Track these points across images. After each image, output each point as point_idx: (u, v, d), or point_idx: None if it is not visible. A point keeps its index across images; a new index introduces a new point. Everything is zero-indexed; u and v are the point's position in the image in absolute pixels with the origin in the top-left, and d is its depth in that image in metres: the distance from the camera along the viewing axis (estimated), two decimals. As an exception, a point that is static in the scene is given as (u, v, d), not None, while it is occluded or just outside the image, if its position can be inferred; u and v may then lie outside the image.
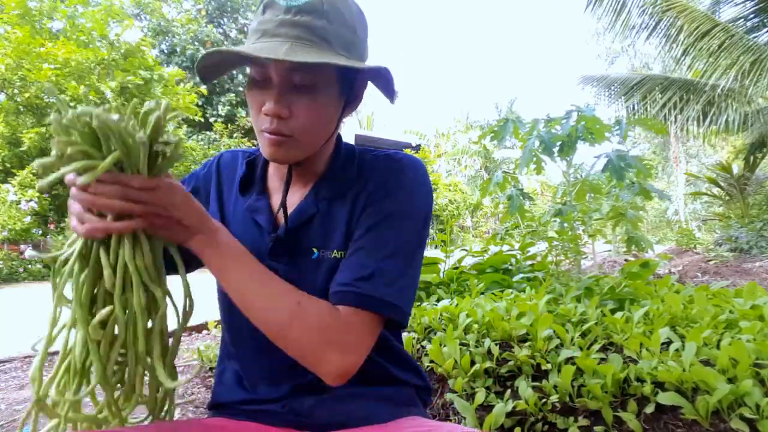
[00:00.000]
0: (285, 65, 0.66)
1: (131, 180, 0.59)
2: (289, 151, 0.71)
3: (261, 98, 0.70)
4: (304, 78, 0.68)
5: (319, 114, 0.71)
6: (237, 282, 0.67)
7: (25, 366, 2.57)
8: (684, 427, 1.13)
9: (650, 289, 2.05)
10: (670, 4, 6.72)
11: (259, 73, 0.69)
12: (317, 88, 0.69)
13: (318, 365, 0.66)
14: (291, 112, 0.68)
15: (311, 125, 0.70)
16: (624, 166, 2.27)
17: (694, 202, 19.20)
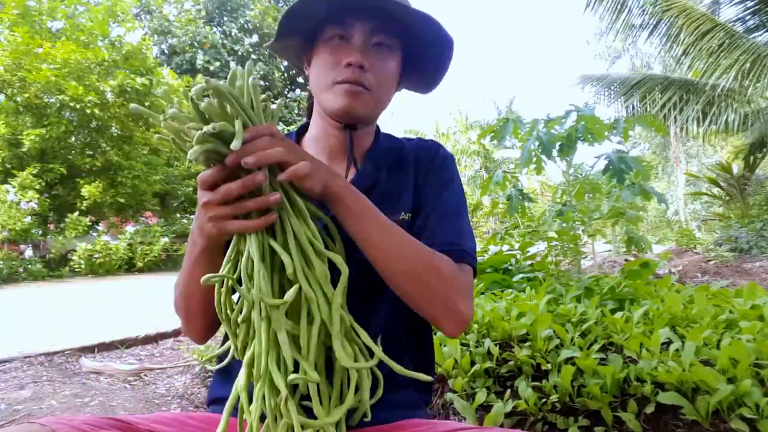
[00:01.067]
0: (370, 25, 0.75)
1: (269, 128, 0.60)
2: (364, 104, 0.76)
3: (336, 55, 0.75)
4: (384, 37, 0.77)
5: (391, 75, 0.79)
6: (378, 228, 0.67)
7: (25, 366, 2.57)
8: (684, 427, 1.13)
9: (650, 289, 2.05)
10: (670, 3, 6.72)
11: (341, 30, 0.76)
12: (390, 49, 0.78)
13: (450, 311, 0.70)
14: (370, 65, 0.75)
15: (384, 83, 0.78)
16: (624, 167, 2.27)
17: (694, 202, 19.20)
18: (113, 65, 10.13)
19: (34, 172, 9.35)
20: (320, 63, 0.78)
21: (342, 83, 0.75)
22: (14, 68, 9.30)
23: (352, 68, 0.74)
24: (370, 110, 0.79)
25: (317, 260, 0.61)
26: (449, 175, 0.85)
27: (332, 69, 0.76)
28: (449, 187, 0.83)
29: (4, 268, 8.25)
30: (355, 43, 0.76)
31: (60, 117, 10.01)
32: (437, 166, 0.85)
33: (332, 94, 0.76)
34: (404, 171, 0.85)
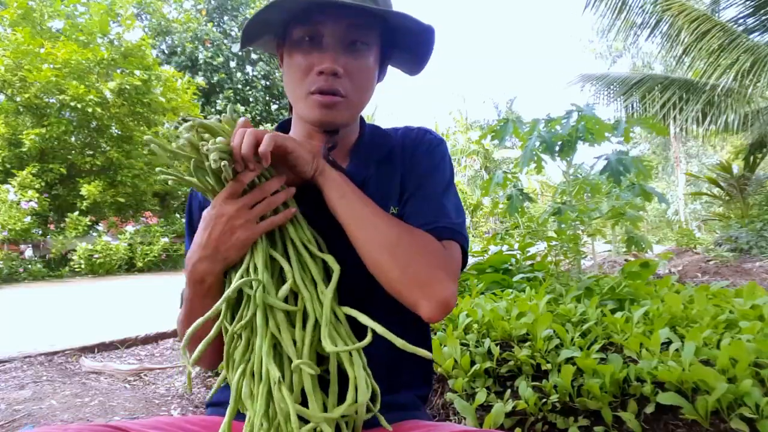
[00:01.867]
0: (343, 24, 0.69)
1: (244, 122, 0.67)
2: (341, 112, 0.72)
3: (308, 60, 0.70)
4: (358, 35, 0.70)
5: (368, 75, 0.74)
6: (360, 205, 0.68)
7: (25, 366, 2.57)
8: (684, 427, 1.13)
9: (650, 289, 2.05)
10: (669, 3, 6.72)
11: (310, 32, 0.69)
12: (366, 46, 0.72)
13: (427, 290, 0.65)
14: (345, 70, 0.70)
15: (362, 86, 0.73)
16: (622, 169, 2.27)
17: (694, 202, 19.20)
18: (113, 64, 10.13)
19: (34, 171, 9.35)
20: (291, 69, 0.72)
21: (315, 93, 0.70)
22: (14, 68, 9.30)
23: (325, 76, 0.69)
24: (348, 116, 0.74)
25: (312, 263, 0.65)
26: (435, 160, 0.81)
27: (304, 76, 0.71)
28: (433, 171, 0.80)
29: (4, 268, 8.25)
30: (327, 46, 0.69)
31: (60, 117, 10.02)
32: (422, 152, 0.81)
33: (306, 104, 0.72)
34: (393, 164, 0.81)
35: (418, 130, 0.85)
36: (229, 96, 15.48)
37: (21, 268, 8.55)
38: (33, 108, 9.96)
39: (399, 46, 0.78)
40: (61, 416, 1.86)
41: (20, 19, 9.72)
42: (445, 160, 0.82)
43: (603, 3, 7.06)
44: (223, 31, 16.67)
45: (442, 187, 0.78)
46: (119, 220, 11.11)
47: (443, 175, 0.80)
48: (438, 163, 0.81)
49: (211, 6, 16.87)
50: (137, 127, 11.16)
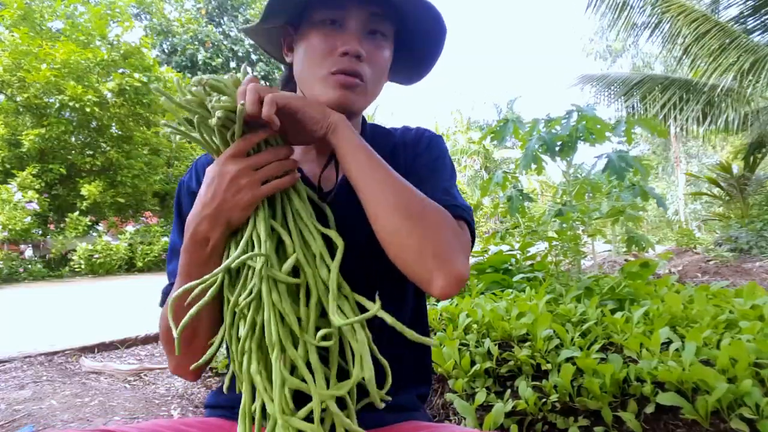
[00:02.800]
0: (367, 12, 0.69)
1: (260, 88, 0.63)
2: (359, 97, 0.71)
3: (329, 42, 0.70)
4: (380, 25, 0.71)
5: (385, 66, 0.74)
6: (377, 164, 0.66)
7: (25, 366, 2.57)
8: (684, 427, 1.13)
9: (650, 289, 2.05)
10: (669, 4, 6.73)
11: (334, 15, 0.70)
12: (386, 37, 0.73)
13: (442, 262, 0.62)
14: (367, 55, 0.70)
15: (379, 73, 0.73)
16: (624, 166, 2.27)
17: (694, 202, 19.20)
18: (112, 65, 10.13)
19: (34, 172, 9.35)
20: (310, 50, 0.71)
21: (337, 74, 0.69)
22: (14, 68, 9.30)
23: (349, 57, 0.68)
24: (363, 104, 0.74)
25: (314, 237, 0.65)
26: (436, 155, 0.81)
27: (325, 57, 0.69)
28: (436, 165, 0.80)
29: (4, 268, 8.26)
30: (351, 30, 0.69)
31: (60, 117, 10.02)
32: (422, 149, 0.81)
33: (325, 85, 0.70)
34: (395, 162, 0.77)
35: (417, 128, 0.86)
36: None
37: (21, 268, 8.56)
38: (33, 108, 9.96)
39: (406, 50, 0.78)
40: (61, 416, 1.86)
41: (20, 19, 9.73)
42: (445, 155, 0.83)
43: (604, 4, 7.07)
44: (222, 32, 16.67)
45: (447, 179, 0.78)
46: (119, 220, 11.12)
47: (446, 169, 0.80)
48: (440, 157, 0.81)
49: (211, 6, 16.87)
50: (137, 127, 11.16)
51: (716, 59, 6.46)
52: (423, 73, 0.82)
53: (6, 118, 9.93)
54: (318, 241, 0.64)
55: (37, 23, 10.09)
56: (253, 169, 0.63)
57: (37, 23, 10.07)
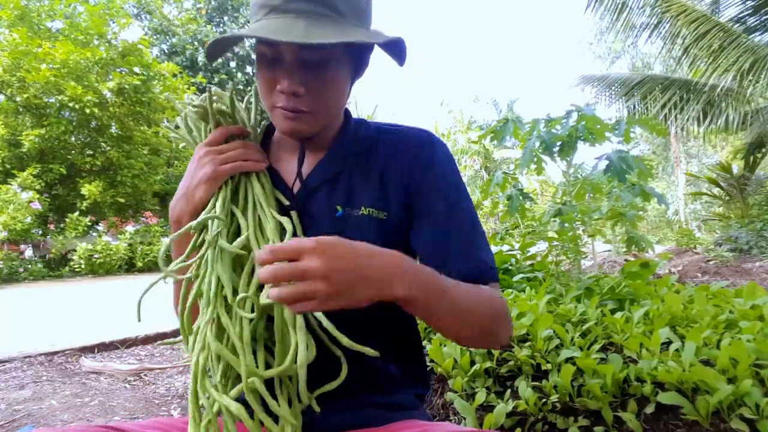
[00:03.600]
0: (297, 45, 0.66)
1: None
2: (307, 124, 0.72)
3: (272, 75, 0.69)
4: (319, 54, 0.67)
5: (333, 88, 0.71)
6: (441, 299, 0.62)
7: (25, 366, 2.57)
8: (684, 427, 1.13)
9: (650, 289, 2.05)
10: (669, 4, 6.73)
11: (270, 51, 0.68)
12: (330, 62, 0.69)
13: (496, 337, 0.71)
14: (306, 88, 0.68)
15: (327, 100, 0.72)
16: (626, 167, 2.27)
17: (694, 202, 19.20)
18: (111, 63, 10.13)
19: (34, 172, 9.35)
20: (259, 81, 0.72)
21: (278, 108, 0.70)
22: (13, 68, 9.30)
23: (285, 96, 0.68)
24: (316, 127, 0.73)
25: (270, 222, 0.70)
26: (450, 172, 0.78)
27: (269, 91, 0.70)
28: (455, 189, 0.77)
29: (4, 268, 8.25)
30: (287, 65, 0.67)
31: (59, 117, 10.02)
32: (432, 162, 0.77)
33: (274, 117, 0.72)
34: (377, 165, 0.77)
35: (419, 132, 0.81)
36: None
37: (21, 268, 8.56)
38: (32, 108, 9.96)
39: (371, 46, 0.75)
40: (61, 416, 1.86)
41: (17, 19, 9.72)
42: (458, 171, 0.80)
43: (603, 4, 7.06)
44: (222, 32, 16.67)
45: (471, 213, 0.77)
46: (119, 220, 11.12)
47: (466, 196, 0.78)
48: (456, 177, 0.78)
49: (211, 6, 16.88)
50: (137, 126, 11.16)
51: (716, 59, 6.47)
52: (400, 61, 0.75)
53: (6, 119, 9.93)
54: (272, 225, 0.69)
55: (35, 23, 10.08)
56: (218, 152, 0.73)
57: (35, 23, 10.06)
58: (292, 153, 0.81)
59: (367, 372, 0.73)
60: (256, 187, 0.74)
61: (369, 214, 0.75)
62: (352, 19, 0.66)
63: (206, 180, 0.71)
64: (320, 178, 0.77)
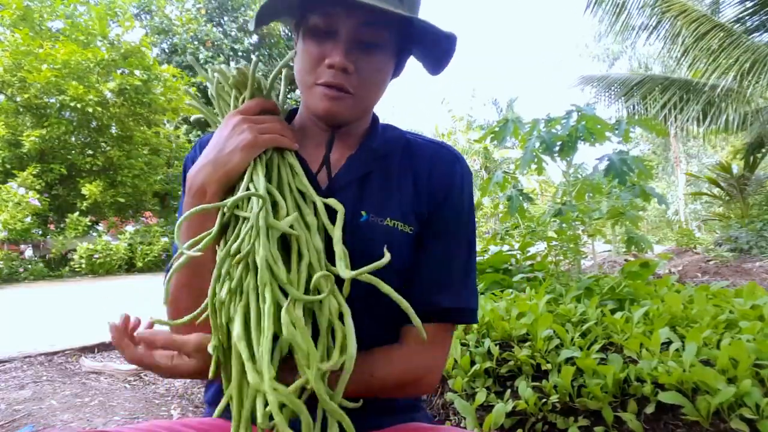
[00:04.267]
0: (359, 19, 0.65)
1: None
2: (346, 107, 0.69)
3: (320, 50, 0.67)
4: (374, 35, 0.67)
5: (379, 73, 0.70)
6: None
7: (25, 366, 2.57)
8: (684, 427, 1.13)
9: (650, 289, 2.05)
10: (669, 4, 6.73)
11: (325, 22, 0.66)
12: (380, 46, 0.68)
13: (417, 392, 0.75)
14: (356, 67, 0.67)
15: (371, 84, 0.70)
16: (626, 168, 2.27)
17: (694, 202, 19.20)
18: (112, 64, 10.13)
19: (35, 172, 9.35)
20: (302, 56, 0.69)
21: (322, 85, 0.67)
22: (14, 69, 9.31)
23: (334, 71, 0.66)
24: (354, 114, 0.71)
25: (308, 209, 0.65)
26: (470, 203, 0.78)
27: (313, 66, 0.68)
28: (465, 228, 0.76)
29: (4, 268, 8.25)
30: (340, 40, 0.66)
31: (60, 117, 10.02)
32: (462, 189, 0.76)
33: (312, 95, 0.69)
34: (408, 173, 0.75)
35: (447, 152, 0.79)
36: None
37: (21, 268, 8.56)
38: (33, 108, 9.97)
39: (419, 43, 0.75)
40: (61, 416, 1.86)
41: (19, 19, 9.72)
42: (473, 206, 0.79)
43: (602, 7, 7.07)
44: (223, 32, 16.67)
45: (468, 250, 0.76)
46: (119, 220, 11.11)
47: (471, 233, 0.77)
48: (469, 219, 0.77)
49: (211, 6, 16.87)
50: (137, 127, 11.16)
51: (716, 59, 6.47)
52: (439, 68, 0.77)
53: (6, 119, 9.93)
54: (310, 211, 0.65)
55: (37, 23, 10.08)
56: (254, 123, 0.68)
57: (36, 23, 10.07)
58: (317, 143, 0.76)
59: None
60: (287, 167, 0.69)
61: (395, 226, 0.71)
62: (407, 7, 0.67)
63: (244, 146, 0.65)
64: (350, 176, 0.73)
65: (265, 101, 0.72)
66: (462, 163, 0.78)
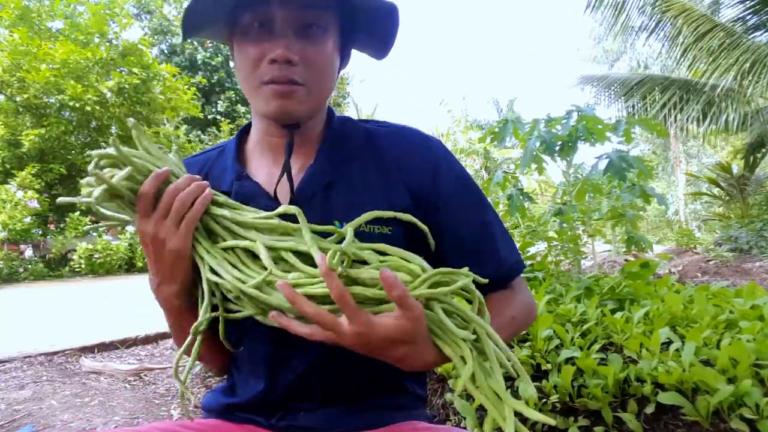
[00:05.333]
0: (294, 5, 0.62)
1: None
2: (300, 102, 0.66)
3: (259, 48, 0.64)
4: (312, 17, 0.64)
5: (327, 60, 0.67)
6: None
7: (25, 366, 2.57)
8: (684, 427, 1.13)
9: (650, 289, 2.05)
10: (669, 4, 6.73)
11: (259, 18, 0.63)
12: (321, 29, 0.65)
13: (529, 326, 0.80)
14: (300, 57, 0.64)
15: (320, 71, 0.66)
16: (625, 166, 2.27)
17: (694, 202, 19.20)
18: (111, 63, 10.12)
19: (34, 172, 9.35)
20: (241, 58, 0.66)
21: (269, 83, 0.64)
22: (13, 69, 9.30)
23: (278, 65, 0.63)
24: (309, 107, 0.68)
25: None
26: (459, 173, 0.75)
27: (255, 66, 0.65)
28: (465, 191, 0.74)
29: (4, 268, 8.25)
30: (278, 32, 0.63)
31: (59, 117, 10.02)
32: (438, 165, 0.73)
33: (261, 96, 0.66)
34: (375, 172, 0.72)
35: (412, 134, 0.76)
36: (230, 97, 15.49)
37: (21, 268, 8.55)
38: (32, 108, 9.96)
39: (361, 27, 0.71)
40: (61, 416, 1.86)
41: (17, 19, 9.72)
42: (465, 173, 0.77)
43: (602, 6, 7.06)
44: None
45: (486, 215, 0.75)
46: (119, 220, 11.09)
47: (478, 194, 0.76)
48: (463, 178, 0.75)
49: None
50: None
51: (716, 59, 6.47)
52: (386, 47, 0.74)
53: (6, 119, 9.92)
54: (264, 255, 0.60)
55: (36, 23, 10.08)
56: (164, 217, 0.62)
57: (35, 23, 10.06)
58: (274, 157, 0.73)
59: (368, 374, 0.73)
60: (225, 210, 0.64)
61: (370, 230, 0.68)
62: None
63: (177, 256, 0.62)
64: (313, 187, 0.70)
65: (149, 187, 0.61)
66: (433, 140, 0.76)
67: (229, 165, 0.75)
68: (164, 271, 0.64)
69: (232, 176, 0.73)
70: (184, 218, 0.61)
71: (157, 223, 0.62)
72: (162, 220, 0.62)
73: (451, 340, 0.58)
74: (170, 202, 0.61)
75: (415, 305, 0.53)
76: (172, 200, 0.61)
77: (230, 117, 15.38)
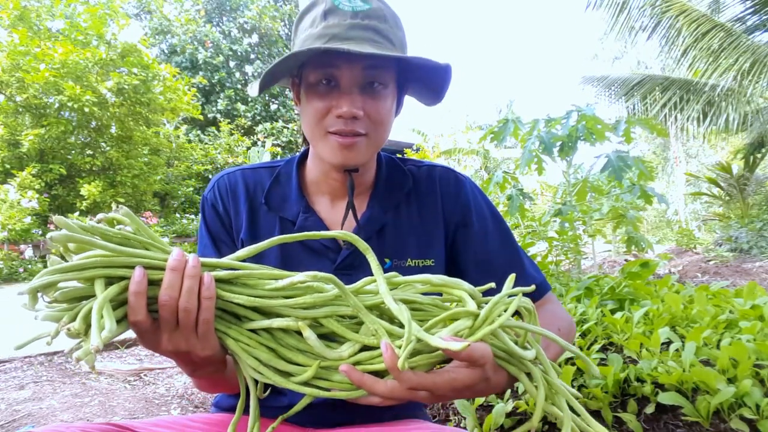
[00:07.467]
0: (359, 66, 0.68)
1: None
2: (361, 151, 0.72)
3: (325, 102, 0.70)
4: (377, 77, 0.70)
5: (386, 114, 0.74)
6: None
7: (25, 366, 2.57)
8: (684, 427, 1.13)
9: (650, 289, 2.05)
10: (669, 4, 6.73)
11: (325, 75, 0.69)
12: (384, 87, 0.72)
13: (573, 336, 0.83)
14: (364, 112, 0.70)
15: (380, 124, 0.73)
16: (623, 166, 2.27)
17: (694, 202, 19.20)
18: (111, 64, 10.12)
19: (34, 172, 9.35)
20: (309, 110, 0.71)
21: (335, 134, 0.70)
22: (13, 69, 9.30)
23: (344, 120, 0.69)
24: (368, 154, 0.74)
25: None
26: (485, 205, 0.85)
27: (322, 117, 0.70)
28: (493, 222, 0.84)
29: (4, 268, 8.25)
30: (344, 88, 0.69)
31: (59, 117, 10.02)
32: (468, 200, 0.83)
33: (326, 145, 0.71)
34: (417, 212, 0.82)
35: (445, 173, 0.85)
36: (230, 96, 15.49)
37: (21, 268, 8.56)
38: (32, 108, 9.96)
39: (415, 80, 0.78)
40: (61, 416, 1.86)
41: (17, 20, 9.72)
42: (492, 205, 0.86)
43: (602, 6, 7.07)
44: (222, 31, 16.67)
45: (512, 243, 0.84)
46: (119, 220, 11.08)
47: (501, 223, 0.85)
48: (494, 214, 0.85)
49: (210, 6, 16.87)
50: (137, 126, 11.16)
51: (716, 59, 6.47)
52: (438, 98, 0.81)
53: (6, 119, 9.92)
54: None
55: (34, 23, 10.08)
56: (174, 330, 0.54)
57: (34, 24, 10.06)
58: (331, 195, 0.81)
59: None
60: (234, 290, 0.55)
61: (416, 265, 0.78)
62: (399, 48, 0.72)
63: (208, 362, 0.58)
64: (368, 231, 0.78)
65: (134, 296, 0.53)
66: (462, 177, 0.86)
67: (292, 197, 0.81)
68: (201, 367, 0.60)
69: (298, 209, 0.79)
70: (198, 323, 0.53)
71: (171, 338, 0.54)
72: (175, 333, 0.54)
73: (518, 361, 0.59)
74: (173, 314, 0.53)
75: (480, 356, 0.51)
76: (174, 311, 0.53)
77: (230, 116, 15.37)
